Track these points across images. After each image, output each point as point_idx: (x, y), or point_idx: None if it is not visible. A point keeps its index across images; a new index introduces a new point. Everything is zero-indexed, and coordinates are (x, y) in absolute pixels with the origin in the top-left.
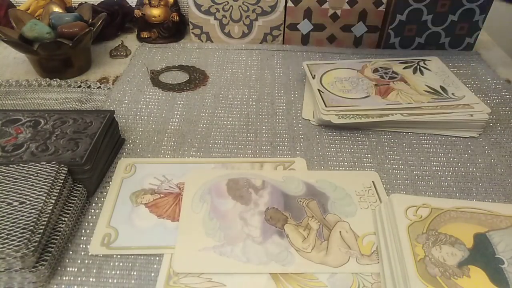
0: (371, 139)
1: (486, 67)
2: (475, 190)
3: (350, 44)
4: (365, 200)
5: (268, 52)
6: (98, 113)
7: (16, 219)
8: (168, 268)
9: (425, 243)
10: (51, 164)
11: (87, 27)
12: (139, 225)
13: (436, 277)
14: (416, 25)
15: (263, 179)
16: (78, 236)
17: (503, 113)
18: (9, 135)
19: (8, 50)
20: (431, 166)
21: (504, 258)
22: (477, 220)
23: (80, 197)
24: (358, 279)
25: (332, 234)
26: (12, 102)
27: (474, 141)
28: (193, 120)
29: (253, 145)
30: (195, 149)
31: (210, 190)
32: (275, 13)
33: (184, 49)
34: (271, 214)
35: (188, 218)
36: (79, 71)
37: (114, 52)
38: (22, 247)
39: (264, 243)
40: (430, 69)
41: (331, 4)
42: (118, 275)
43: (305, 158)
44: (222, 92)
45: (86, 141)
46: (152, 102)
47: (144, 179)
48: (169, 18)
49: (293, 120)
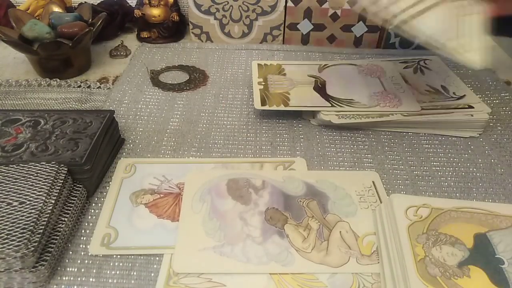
0: (371, 139)
1: (486, 67)
2: (475, 190)
3: (350, 44)
4: (365, 200)
5: (268, 52)
6: (98, 113)
7: (16, 219)
8: (168, 268)
9: (425, 243)
10: (51, 164)
11: (87, 27)
12: (139, 225)
13: (436, 277)
14: None
15: (263, 179)
16: (78, 236)
17: (503, 113)
18: (9, 135)
19: (8, 50)
20: (431, 166)
21: (504, 258)
22: (477, 220)
23: (80, 197)
24: (358, 279)
25: (332, 234)
26: (12, 102)
27: (474, 141)
28: (193, 120)
29: (253, 145)
30: (195, 149)
31: (210, 190)
32: (275, 13)
33: (184, 49)
34: (271, 214)
35: (188, 218)
36: (79, 71)
37: (114, 52)
38: (22, 247)
39: (264, 243)
40: (430, 68)
41: (331, 4)
42: (118, 275)
43: (305, 158)
44: (222, 92)
45: (86, 141)
46: (152, 102)
47: (144, 179)
48: (169, 18)
49: (293, 120)
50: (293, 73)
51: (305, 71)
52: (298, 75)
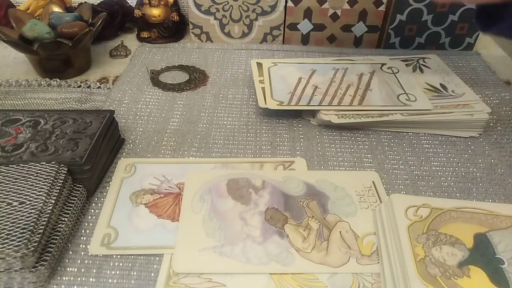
0: (371, 139)
1: (486, 67)
2: (475, 190)
3: (350, 44)
4: (365, 200)
5: (268, 52)
6: (98, 113)
7: (16, 219)
8: (168, 268)
9: (425, 243)
10: (51, 164)
11: (87, 27)
12: (139, 225)
13: (436, 277)
14: (416, 25)
15: (263, 179)
16: (78, 236)
17: (503, 113)
18: (9, 135)
19: (8, 50)
20: (431, 166)
21: (504, 258)
22: (477, 220)
23: (80, 197)
24: (358, 279)
25: (332, 234)
26: (12, 102)
27: (474, 141)
28: (193, 120)
29: (253, 145)
30: (195, 149)
31: (210, 190)
32: (275, 13)
33: (184, 49)
34: (271, 214)
35: (188, 218)
36: (79, 71)
37: (114, 52)
38: (22, 247)
39: (264, 243)
40: (429, 66)
41: (331, 4)
42: (118, 275)
43: (305, 158)
44: (222, 92)
45: (86, 141)
46: (152, 102)
47: (144, 179)
48: (169, 18)
49: (293, 120)
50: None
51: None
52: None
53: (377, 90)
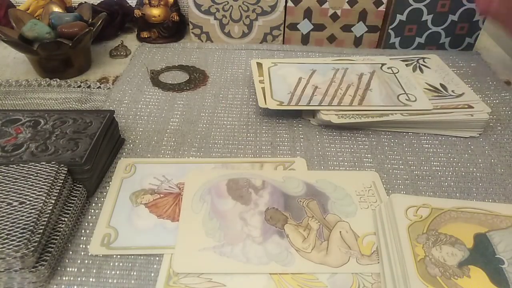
0: (371, 139)
1: (486, 67)
2: (475, 190)
3: (350, 44)
4: (365, 200)
5: (268, 52)
6: (98, 113)
7: (16, 219)
8: (168, 268)
9: (425, 243)
10: (51, 164)
11: (87, 27)
12: (139, 225)
13: (436, 277)
14: (416, 25)
15: (263, 179)
16: (78, 236)
17: (503, 113)
18: (9, 135)
19: (8, 50)
20: (431, 166)
21: (504, 258)
22: (477, 220)
23: (80, 197)
24: (358, 279)
25: (332, 234)
26: (12, 102)
27: (474, 141)
28: (193, 120)
29: (253, 145)
30: (195, 149)
31: (210, 190)
32: (275, 13)
33: (184, 49)
34: (271, 214)
35: (188, 218)
36: (79, 71)
37: (114, 52)
38: (22, 247)
39: (264, 243)
40: (429, 66)
41: (331, 4)
42: (118, 275)
43: (305, 158)
44: (222, 92)
45: (86, 141)
46: (152, 102)
47: (144, 179)
48: (169, 18)
49: (293, 120)
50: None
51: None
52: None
53: (377, 90)
